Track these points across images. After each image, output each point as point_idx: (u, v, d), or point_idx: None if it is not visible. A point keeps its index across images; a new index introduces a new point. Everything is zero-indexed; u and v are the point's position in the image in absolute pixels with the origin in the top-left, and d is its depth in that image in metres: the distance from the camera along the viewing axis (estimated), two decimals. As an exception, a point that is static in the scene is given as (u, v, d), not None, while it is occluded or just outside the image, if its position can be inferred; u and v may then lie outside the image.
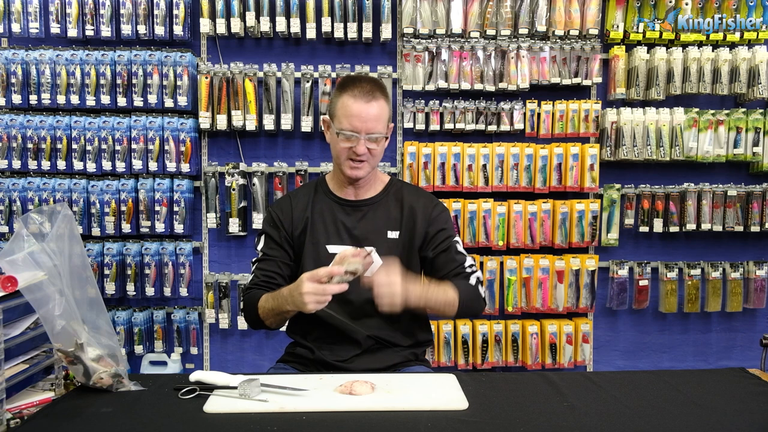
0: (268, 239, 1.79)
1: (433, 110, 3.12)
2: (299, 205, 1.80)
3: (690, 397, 1.41)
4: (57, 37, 3.07)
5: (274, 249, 1.77)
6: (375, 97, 1.68)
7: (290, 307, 1.58)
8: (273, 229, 1.79)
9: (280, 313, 1.64)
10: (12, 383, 1.35)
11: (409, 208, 1.79)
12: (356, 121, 1.67)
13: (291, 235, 1.78)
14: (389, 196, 1.81)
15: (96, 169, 3.08)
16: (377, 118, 1.68)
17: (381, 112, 1.69)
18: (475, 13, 3.07)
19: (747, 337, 3.38)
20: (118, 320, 3.08)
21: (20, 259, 1.34)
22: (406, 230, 1.78)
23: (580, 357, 3.17)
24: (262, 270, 1.75)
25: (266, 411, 1.31)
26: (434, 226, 1.78)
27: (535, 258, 3.12)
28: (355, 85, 1.69)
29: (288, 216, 1.79)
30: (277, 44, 3.24)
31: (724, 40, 3.12)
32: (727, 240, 3.34)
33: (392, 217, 1.78)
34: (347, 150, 1.70)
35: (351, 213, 1.78)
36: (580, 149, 3.11)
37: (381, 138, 1.71)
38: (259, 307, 1.67)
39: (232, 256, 3.24)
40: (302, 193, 1.84)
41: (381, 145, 1.73)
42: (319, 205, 1.80)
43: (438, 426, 1.24)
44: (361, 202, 1.79)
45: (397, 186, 1.85)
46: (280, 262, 1.76)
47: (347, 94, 1.69)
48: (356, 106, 1.67)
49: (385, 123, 1.72)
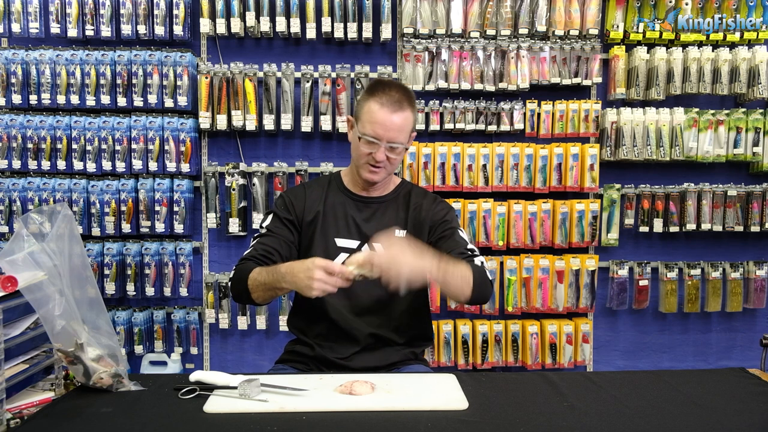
0: (276, 218, 1.79)
1: (433, 110, 3.12)
2: (313, 194, 1.82)
3: (690, 397, 1.41)
4: (57, 37, 3.07)
5: (280, 228, 1.77)
6: (402, 107, 1.69)
7: (287, 285, 1.54)
8: (284, 210, 1.80)
9: (272, 288, 1.59)
10: (12, 383, 1.35)
11: (414, 207, 1.81)
12: (379, 129, 1.68)
13: (301, 220, 1.79)
14: (399, 197, 1.84)
15: (96, 169, 3.08)
16: (400, 129, 1.69)
17: (405, 123, 1.70)
18: (475, 13, 3.07)
19: (747, 337, 3.38)
20: (118, 320, 3.08)
21: (20, 259, 1.34)
22: (412, 229, 1.79)
23: (580, 357, 3.17)
24: (263, 244, 1.73)
25: (266, 411, 1.31)
26: (436, 219, 1.79)
27: (535, 258, 3.12)
28: (384, 91, 1.69)
29: (301, 202, 1.80)
30: (277, 44, 3.24)
31: (724, 40, 3.12)
32: (727, 240, 3.34)
33: (400, 217, 1.80)
34: (367, 155, 1.71)
35: (362, 209, 1.80)
36: (580, 149, 3.11)
37: (402, 148, 1.72)
38: (250, 278, 1.63)
39: (232, 256, 3.24)
40: (317, 185, 1.86)
41: (401, 154, 1.74)
42: (331, 198, 1.82)
43: (438, 426, 1.24)
44: (373, 199, 1.82)
45: (407, 187, 1.87)
46: (283, 240, 1.75)
47: (374, 100, 1.69)
48: (381, 114, 1.67)
49: (407, 134, 1.73)
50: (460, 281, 1.58)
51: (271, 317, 3.22)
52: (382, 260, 1.45)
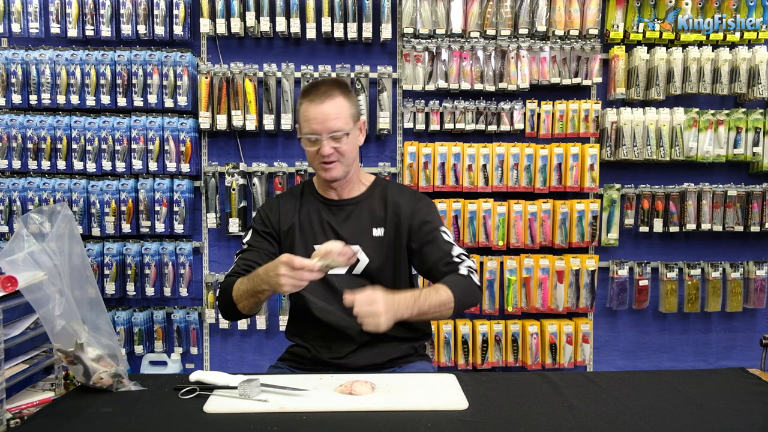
0: (255, 233, 1.82)
1: (433, 110, 3.11)
2: (287, 205, 1.83)
3: (690, 397, 1.41)
4: (57, 37, 3.07)
5: (259, 241, 1.79)
6: (330, 95, 1.69)
7: (266, 286, 1.56)
8: (260, 224, 1.82)
9: (255, 293, 1.61)
10: (12, 383, 1.35)
11: (393, 204, 1.79)
12: (314, 124, 1.69)
13: (278, 231, 1.81)
14: (374, 195, 1.82)
15: (96, 169, 3.08)
16: (335, 116, 1.69)
17: (338, 109, 1.69)
18: (475, 13, 3.07)
19: (747, 337, 3.38)
20: (118, 320, 3.08)
21: (20, 259, 1.34)
22: (391, 227, 1.78)
23: (580, 357, 3.17)
24: (245, 260, 1.75)
25: (266, 411, 1.31)
26: (418, 218, 1.77)
27: (535, 258, 3.12)
28: (312, 89, 1.72)
29: (276, 214, 1.82)
30: (277, 44, 3.24)
31: (724, 40, 3.12)
32: (727, 240, 3.34)
33: (377, 215, 1.79)
34: (315, 154, 1.72)
35: (336, 213, 1.80)
36: (580, 149, 3.11)
37: (343, 135, 1.70)
38: (234, 290, 1.66)
39: (232, 256, 3.23)
40: (290, 195, 1.87)
41: (348, 142, 1.72)
42: (306, 206, 1.82)
43: (438, 426, 1.24)
44: (345, 201, 1.81)
45: (381, 185, 1.86)
46: (264, 253, 1.77)
47: (306, 100, 1.71)
48: (312, 109, 1.69)
49: (346, 119, 1.71)
50: (439, 309, 1.61)
51: (271, 317, 3.22)
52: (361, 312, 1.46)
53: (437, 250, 1.73)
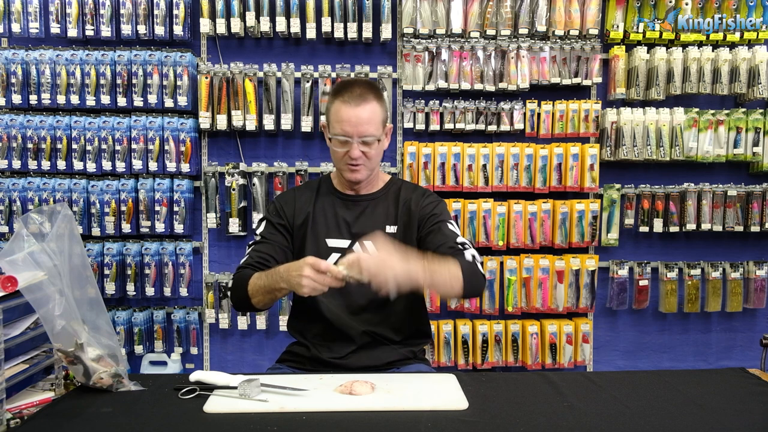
0: (269, 224, 1.81)
1: (433, 110, 3.11)
2: (302, 198, 1.83)
3: (690, 397, 1.41)
4: (57, 37, 3.07)
5: (273, 234, 1.79)
6: (365, 99, 1.69)
7: (284, 285, 1.55)
8: (275, 216, 1.81)
9: (272, 290, 1.60)
10: (12, 383, 1.35)
11: (404, 202, 1.81)
12: (347, 126, 1.68)
13: (292, 224, 1.80)
14: (389, 193, 1.84)
15: (96, 169, 3.08)
16: (368, 121, 1.69)
17: (372, 114, 1.69)
18: (475, 13, 3.07)
19: (747, 337, 3.38)
20: (118, 320, 3.08)
21: (20, 259, 1.34)
22: (402, 224, 1.79)
23: (580, 357, 3.17)
24: (258, 252, 1.75)
25: (266, 411, 1.31)
26: (426, 212, 1.78)
27: (535, 258, 3.12)
28: (346, 90, 1.70)
29: (291, 206, 1.82)
30: (277, 44, 3.24)
31: (724, 40, 3.12)
32: (727, 240, 3.34)
33: (390, 213, 1.80)
34: (343, 155, 1.72)
35: (351, 208, 1.81)
36: (580, 149, 3.11)
37: (374, 140, 1.71)
38: (250, 284, 1.64)
39: (232, 256, 3.24)
40: (306, 189, 1.87)
41: (376, 147, 1.73)
42: (321, 200, 1.82)
43: (438, 426, 1.24)
44: (362, 197, 1.82)
45: (397, 184, 1.87)
46: (278, 246, 1.76)
47: (339, 100, 1.70)
48: (346, 111, 1.68)
49: (377, 125, 1.72)
50: (449, 279, 1.57)
51: (271, 317, 3.22)
52: (371, 265, 1.44)
53: (441, 237, 1.73)
